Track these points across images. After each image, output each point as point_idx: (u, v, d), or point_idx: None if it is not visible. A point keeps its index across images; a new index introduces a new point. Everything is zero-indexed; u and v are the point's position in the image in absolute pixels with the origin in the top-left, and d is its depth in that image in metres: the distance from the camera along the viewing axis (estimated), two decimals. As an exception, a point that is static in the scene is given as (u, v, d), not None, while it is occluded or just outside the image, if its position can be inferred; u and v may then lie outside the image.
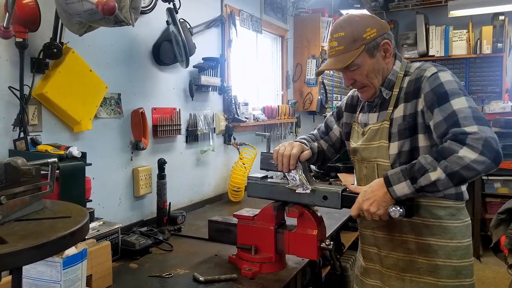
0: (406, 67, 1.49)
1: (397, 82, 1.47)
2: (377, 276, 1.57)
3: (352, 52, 1.40)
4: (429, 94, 1.34)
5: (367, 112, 1.56)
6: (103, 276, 1.48)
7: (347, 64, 1.39)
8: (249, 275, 1.55)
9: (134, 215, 2.26)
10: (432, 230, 1.42)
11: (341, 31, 1.42)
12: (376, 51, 1.43)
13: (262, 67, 3.90)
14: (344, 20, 1.45)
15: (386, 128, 1.45)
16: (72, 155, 1.62)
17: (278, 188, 1.58)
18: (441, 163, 1.21)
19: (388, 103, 1.47)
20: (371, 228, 1.56)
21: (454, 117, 1.25)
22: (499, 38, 4.63)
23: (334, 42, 1.44)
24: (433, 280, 1.42)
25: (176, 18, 2.31)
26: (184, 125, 2.61)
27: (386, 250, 1.52)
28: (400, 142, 1.41)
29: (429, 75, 1.37)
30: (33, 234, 0.81)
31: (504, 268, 2.73)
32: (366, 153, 1.51)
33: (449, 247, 1.41)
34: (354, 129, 1.61)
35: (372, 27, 1.41)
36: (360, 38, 1.39)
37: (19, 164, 0.92)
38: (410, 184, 1.26)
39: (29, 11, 1.59)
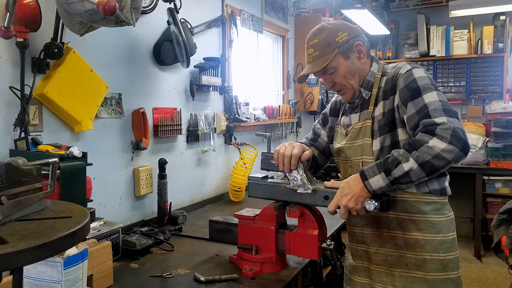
0: (383, 68, 1.56)
1: (375, 83, 1.53)
2: (366, 274, 1.59)
3: (327, 56, 1.48)
4: (403, 90, 1.41)
5: (349, 114, 1.62)
6: (104, 276, 1.48)
7: (323, 66, 1.48)
8: (250, 275, 1.55)
9: (135, 215, 2.26)
10: (418, 225, 1.45)
11: (315, 38, 1.51)
12: (350, 52, 1.51)
13: (263, 67, 3.90)
14: (317, 29, 1.54)
15: (369, 126, 1.50)
16: (73, 155, 1.62)
17: (279, 188, 1.57)
18: (413, 154, 1.27)
19: (369, 102, 1.53)
20: (359, 225, 1.58)
21: (425, 109, 1.32)
22: (500, 38, 4.62)
23: (310, 49, 1.53)
24: (421, 274, 1.45)
25: (177, 18, 2.31)
26: (185, 125, 2.61)
27: (375, 246, 1.54)
28: (381, 138, 1.46)
29: (404, 72, 1.44)
30: (34, 234, 0.81)
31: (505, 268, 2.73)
32: (350, 152, 1.55)
33: (435, 241, 1.45)
34: (337, 131, 1.67)
35: (344, 31, 1.50)
36: (333, 42, 1.48)
37: (20, 164, 0.92)
38: (384, 177, 1.31)
39: (30, 11, 1.59)
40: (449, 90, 4.95)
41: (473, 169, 4.21)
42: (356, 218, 1.57)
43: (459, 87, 4.91)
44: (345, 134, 1.59)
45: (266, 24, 3.63)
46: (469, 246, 4.49)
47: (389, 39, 5.22)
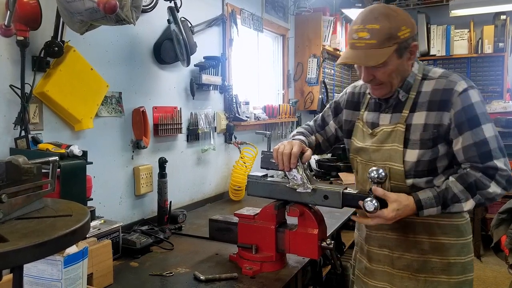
0: (423, 70, 1.45)
1: (414, 85, 1.43)
2: (385, 278, 1.52)
3: (385, 50, 1.31)
4: (460, 114, 1.34)
5: (376, 111, 1.51)
6: (104, 274, 1.48)
7: (379, 63, 1.32)
8: (249, 274, 1.55)
9: (135, 213, 2.26)
10: (444, 229, 1.45)
11: (375, 22, 1.30)
12: (405, 52, 1.36)
13: (263, 66, 3.90)
14: (380, 12, 1.32)
15: (401, 131, 1.41)
16: (73, 153, 1.62)
17: (278, 187, 1.57)
18: (475, 197, 1.33)
19: (403, 105, 1.43)
20: (383, 230, 1.51)
21: (485, 147, 1.32)
22: (501, 38, 4.62)
23: (365, 33, 1.31)
24: (445, 278, 1.44)
25: (177, 17, 2.31)
26: (185, 124, 2.61)
27: (399, 251, 1.49)
28: (421, 151, 1.39)
29: (460, 90, 1.35)
30: (34, 232, 0.81)
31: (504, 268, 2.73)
32: (376, 156, 1.47)
33: (459, 245, 1.46)
34: (358, 127, 1.56)
35: (407, 26, 1.33)
36: (395, 35, 1.31)
37: (20, 163, 0.92)
38: (440, 209, 1.34)
39: (30, 10, 1.59)
40: (449, 89, 4.94)
41: (473, 169, 4.20)
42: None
43: (459, 87, 4.90)
44: (371, 134, 1.50)
45: (266, 23, 3.63)
46: (468, 246, 4.49)
47: (390, 38, 5.21)
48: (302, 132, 1.73)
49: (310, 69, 4.25)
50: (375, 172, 1.33)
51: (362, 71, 1.40)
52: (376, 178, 1.33)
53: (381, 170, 1.34)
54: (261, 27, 3.52)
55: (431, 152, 1.39)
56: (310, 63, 4.25)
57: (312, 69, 4.25)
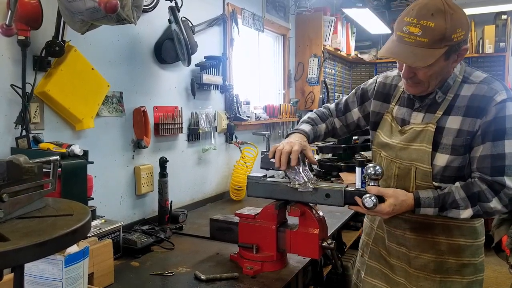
0: (464, 71, 1.40)
1: (453, 87, 1.37)
2: (403, 274, 1.53)
3: (434, 51, 1.24)
4: (490, 123, 1.30)
5: (408, 108, 1.47)
6: (105, 274, 1.48)
7: (428, 64, 1.24)
8: (250, 273, 1.55)
9: (136, 213, 2.26)
10: (462, 230, 1.44)
11: (431, 20, 1.21)
12: (453, 54, 1.29)
13: (264, 66, 3.90)
14: (437, 8, 1.23)
15: (431, 132, 1.37)
16: (74, 153, 1.62)
17: (279, 187, 1.57)
18: (475, 208, 1.31)
19: (438, 106, 1.38)
20: (401, 228, 1.51)
21: (501, 161, 1.29)
22: (502, 38, 4.63)
23: (417, 29, 1.23)
24: (459, 278, 1.45)
25: (178, 17, 2.31)
26: (185, 123, 2.61)
27: (416, 251, 1.49)
28: (452, 157, 1.35)
29: (499, 100, 1.30)
30: (35, 231, 0.81)
31: (505, 268, 2.72)
32: (404, 154, 1.44)
33: (474, 246, 1.46)
34: (387, 121, 1.52)
35: (463, 29, 1.25)
36: (448, 37, 1.23)
37: (21, 162, 0.92)
38: (436, 211, 1.33)
39: (31, 9, 1.59)
40: (450, 89, 4.94)
41: (474, 169, 4.20)
42: (398, 221, 1.49)
43: (460, 87, 4.90)
44: (400, 132, 1.45)
45: (267, 23, 3.63)
46: (469, 246, 4.49)
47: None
48: (313, 119, 1.67)
49: (311, 69, 4.25)
50: (372, 168, 1.35)
51: (403, 66, 1.35)
52: (373, 175, 1.35)
53: (378, 167, 1.34)
54: (262, 27, 3.51)
55: (461, 159, 1.35)
56: (311, 63, 4.25)
57: (313, 69, 4.25)
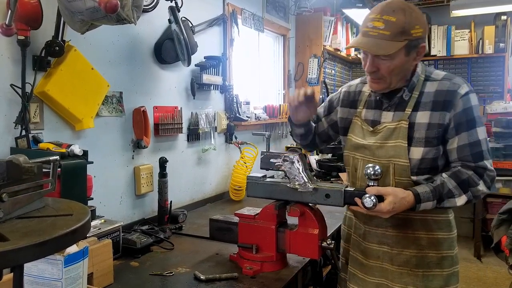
0: (426, 71, 1.50)
1: (417, 85, 1.47)
2: (383, 274, 1.54)
3: (395, 43, 1.34)
4: (461, 115, 1.41)
5: (377, 109, 1.54)
6: (104, 274, 1.48)
7: (389, 53, 1.35)
8: (250, 274, 1.55)
9: (135, 213, 2.26)
10: (439, 224, 1.52)
11: (392, 15, 1.34)
12: (413, 51, 1.40)
13: (264, 66, 3.90)
14: (398, 6, 1.36)
15: (405, 128, 1.45)
16: (74, 153, 1.62)
17: (279, 188, 1.57)
18: (468, 194, 1.40)
19: (406, 104, 1.47)
20: (383, 226, 1.54)
21: (478, 147, 1.41)
22: (501, 38, 4.63)
23: (380, 23, 1.35)
24: (439, 271, 1.51)
25: (178, 17, 2.31)
26: (185, 123, 2.61)
27: (398, 248, 1.52)
28: (426, 149, 1.43)
29: (463, 93, 1.41)
30: (34, 231, 0.81)
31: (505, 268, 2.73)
32: (381, 152, 1.49)
33: (450, 239, 1.54)
34: (357, 124, 1.59)
35: (421, 26, 1.37)
36: (407, 31, 1.34)
37: (21, 162, 0.92)
38: (435, 204, 1.39)
39: (31, 9, 1.59)
40: (450, 90, 4.94)
41: (474, 169, 4.20)
42: (380, 219, 1.51)
43: (460, 87, 4.90)
44: (373, 132, 1.52)
45: (267, 23, 3.63)
46: (469, 246, 4.49)
47: (390, 38, 5.21)
48: None
49: (310, 69, 4.25)
50: (371, 168, 1.36)
51: (367, 61, 1.43)
52: (372, 175, 1.36)
53: (377, 167, 1.36)
54: (262, 27, 3.52)
55: (435, 150, 1.44)
56: (310, 63, 4.25)
57: (313, 69, 4.25)
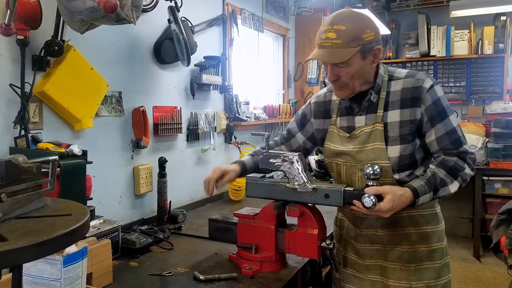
0: (388, 71, 1.54)
1: (382, 86, 1.51)
2: (378, 272, 1.59)
3: (349, 50, 1.39)
4: (432, 108, 1.46)
5: (349, 115, 1.58)
6: (104, 274, 1.48)
7: (344, 60, 1.39)
8: (249, 274, 1.55)
9: (135, 213, 2.26)
10: (427, 218, 1.56)
11: (342, 24, 1.39)
12: (368, 54, 1.44)
13: (264, 66, 3.90)
14: (346, 14, 1.42)
15: (380, 130, 1.49)
16: (73, 153, 1.62)
17: (278, 188, 1.57)
18: (458, 179, 1.45)
19: (376, 106, 1.51)
20: (373, 228, 1.58)
21: (455, 135, 1.46)
22: (501, 39, 4.62)
23: (332, 33, 1.39)
24: (430, 264, 1.55)
25: (177, 17, 2.31)
26: (185, 123, 2.61)
27: (390, 245, 1.57)
28: (402, 146, 1.48)
29: (428, 87, 1.46)
30: (33, 231, 0.81)
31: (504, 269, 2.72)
32: (362, 156, 1.52)
33: (439, 231, 1.58)
34: (333, 132, 1.62)
35: (371, 30, 1.42)
36: (359, 37, 1.39)
37: (20, 162, 0.92)
38: (432, 195, 1.42)
39: (30, 9, 1.59)
40: (449, 90, 4.95)
41: (473, 170, 4.20)
42: (370, 221, 1.57)
43: (459, 87, 4.91)
44: (350, 137, 1.56)
45: (267, 23, 3.63)
46: (468, 246, 4.49)
47: (390, 39, 5.22)
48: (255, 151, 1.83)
49: (310, 69, 4.25)
50: (370, 168, 1.37)
51: (328, 71, 1.48)
52: (371, 175, 1.37)
53: (376, 167, 1.37)
54: (261, 27, 3.52)
55: (411, 146, 1.48)
56: (310, 63, 4.25)
57: (312, 69, 4.25)
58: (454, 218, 4.91)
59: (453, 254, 4.37)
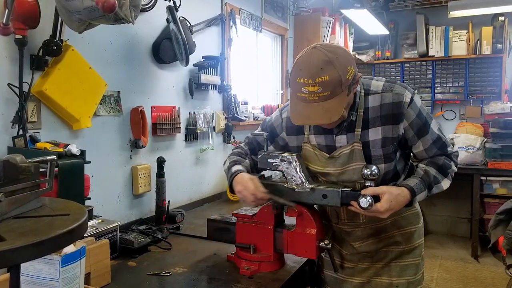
0: (363, 84, 1.47)
1: (360, 103, 1.45)
2: (364, 274, 1.62)
3: (339, 97, 1.30)
4: (416, 121, 1.45)
5: (329, 134, 1.51)
6: (102, 274, 1.47)
7: (341, 113, 1.30)
8: (247, 274, 1.55)
9: (133, 213, 2.26)
10: (409, 219, 1.61)
11: (323, 74, 1.26)
12: (352, 87, 1.36)
13: (262, 66, 3.90)
14: (323, 61, 1.27)
15: (359, 149, 1.46)
16: (71, 152, 1.62)
17: (276, 187, 1.57)
18: (448, 176, 1.49)
19: (355, 124, 1.46)
20: (359, 240, 1.61)
21: (440, 140, 1.50)
22: (499, 39, 4.63)
23: (316, 87, 1.27)
24: (412, 260, 1.60)
25: (176, 16, 2.31)
26: (183, 123, 2.61)
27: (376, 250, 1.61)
28: (387, 165, 1.49)
29: (409, 101, 1.43)
30: (31, 231, 0.81)
31: (502, 269, 2.73)
32: (344, 176, 1.50)
33: (419, 229, 1.64)
34: (309, 151, 1.55)
35: (351, 65, 1.31)
36: (344, 81, 1.28)
37: (18, 161, 0.92)
38: (426, 193, 1.44)
39: (28, 8, 1.59)
40: (447, 90, 4.96)
41: (471, 170, 4.22)
42: (357, 233, 1.61)
43: (457, 88, 4.92)
44: (330, 158, 1.51)
45: (265, 23, 3.63)
46: (466, 246, 4.50)
47: (388, 39, 5.23)
48: (235, 160, 1.66)
49: (309, 69, 4.24)
50: (368, 169, 1.37)
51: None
52: (369, 175, 1.37)
53: (374, 167, 1.38)
54: (260, 27, 3.52)
55: (394, 162, 1.51)
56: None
57: (311, 69, 4.24)
58: (452, 218, 4.92)
59: (451, 254, 4.38)
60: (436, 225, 5.02)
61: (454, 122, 5.01)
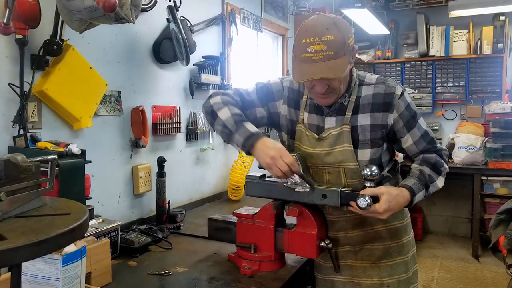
0: (358, 75, 1.53)
1: (353, 90, 1.50)
2: (349, 272, 1.59)
3: (343, 58, 1.34)
4: (405, 114, 1.49)
5: (318, 114, 1.54)
6: (102, 273, 1.48)
7: (345, 72, 1.35)
8: (248, 273, 1.55)
9: (134, 213, 2.26)
10: (395, 214, 1.52)
11: (328, 34, 1.32)
12: (352, 57, 1.40)
13: (263, 66, 3.90)
14: (328, 22, 1.34)
15: (347, 132, 1.49)
16: (72, 152, 1.62)
17: (277, 187, 1.57)
18: (442, 174, 1.51)
19: (346, 108, 1.50)
20: (344, 229, 1.60)
21: (428, 136, 1.53)
22: (500, 39, 4.63)
23: (322, 46, 1.31)
24: (401, 258, 1.59)
25: (176, 16, 2.31)
26: (184, 123, 2.61)
27: (360, 244, 1.59)
28: (373, 150, 1.50)
29: (399, 94, 1.48)
30: (32, 231, 0.81)
31: (502, 268, 2.73)
32: (330, 158, 1.51)
33: (405, 224, 1.64)
34: (302, 132, 1.56)
35: (351, 33, 1.39)
36: (346, 44, 1.35)
37: (19, 161, 0.92)
38: (424, 192, 1.45)
39: (29, 8, 1.59)
40: (448, 90, 4.96)
41: (472, 170, 4.22)
42: (341, 223, 1.59)
43: (458, 87, 4.92)
44: (319, 139, 1.53)
45: (266, 22, 3.63)
46: (467, 246, 4.50)
47: (389, 38, 5.22)
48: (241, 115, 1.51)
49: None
50: (368, 169, 1.38)
51: (316, 84, 1.40)
52: (369, 176, 1.38)
53: (374, 167, 1.38)
54: (260, 27, 3.52)
55: (381, 149, 1.52)
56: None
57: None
58: (453, 218, 4.92)
59: (452, 254, 4.38)
60: (436, 225, 5.02)
61: (455, 122, 5.01)
